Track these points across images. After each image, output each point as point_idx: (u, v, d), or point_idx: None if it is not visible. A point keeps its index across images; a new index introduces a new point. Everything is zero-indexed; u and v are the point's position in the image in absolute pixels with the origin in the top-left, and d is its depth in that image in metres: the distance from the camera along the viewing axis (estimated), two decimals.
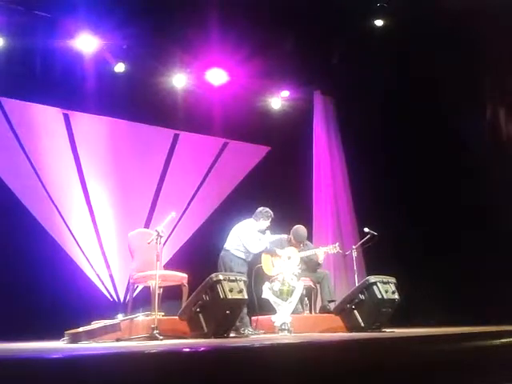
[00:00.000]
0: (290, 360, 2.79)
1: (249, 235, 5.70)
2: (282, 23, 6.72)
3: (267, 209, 5.87)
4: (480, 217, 6.14)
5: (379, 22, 6.99)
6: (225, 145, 7.94)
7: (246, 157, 8.03)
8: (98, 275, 6.86)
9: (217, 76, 7.33)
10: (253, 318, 5.56)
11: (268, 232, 5.83)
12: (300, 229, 6.18)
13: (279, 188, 7.34)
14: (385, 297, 5.09)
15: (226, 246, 5.75)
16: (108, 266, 6.90)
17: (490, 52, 6.15)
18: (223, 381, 2.49)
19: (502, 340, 3.41)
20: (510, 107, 6.51)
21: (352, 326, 5.18)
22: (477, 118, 6.53)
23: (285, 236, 6.21)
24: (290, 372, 2.67)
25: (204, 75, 7.36)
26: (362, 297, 5.17)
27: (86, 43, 6.46)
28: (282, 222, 6.16)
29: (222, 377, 2.50)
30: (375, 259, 6.58)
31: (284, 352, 2.97)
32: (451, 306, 5.89)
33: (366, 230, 6.11)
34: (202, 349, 2.85)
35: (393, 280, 5.28)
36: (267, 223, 5.84)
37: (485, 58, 6.22)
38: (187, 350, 2.86)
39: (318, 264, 6.22)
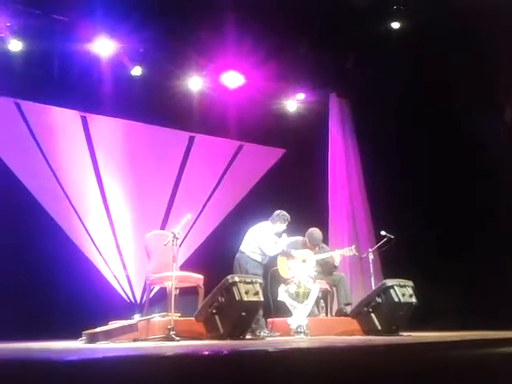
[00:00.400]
0: (309, 364, 2.78)
1: (265, 238, 5.69)
2: (297, 26, 6.73)
3: (284, 212, 5.86)
4: (495, 219, 6.09)
5: (396, 25, 6.96)
6: (240, 147, 7.96)
7: (261, 159, 8.04)
8: (114, 276, 6.91)
9: (232, 79, 7.35)
10: (268, 320, 5.56)
11: (284, 235, 5.81)
12: (315, 232, 6.14)
13: (295, 190, 7.33)
14: (402, 300, 5.05)
15: (242, 248, 5.74)
16: (125, 267, 6.95)
17: (504, 52, 6.09)
18: None
19: None
20: None
21: (369, 329, 5.15)
22: (492, 119, 6.47)
23: (300, 238, 6.19)
24: (310, 377, 2.66)
25: (219, 78, 7.38)
26: (378, 300, 5.15)
27: (103, 47, 6.52)
28: (297, 225, 6.14)
29: (240, 381, 2.49)
30: (391, 262, 6.53)
31: (303, 356, 2.96)
32: (467, 308, 5.84)
33: (383, 233, 6.08)
34: (225, 352, 2.84)
35: (410, 283, 5.24)
36: (284, 226, 5.82)
37: (498, 58, 6.16)
38: (207, 353, 2.86)
39: (335, 267, 6.19)
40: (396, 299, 5.03)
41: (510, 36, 5.86)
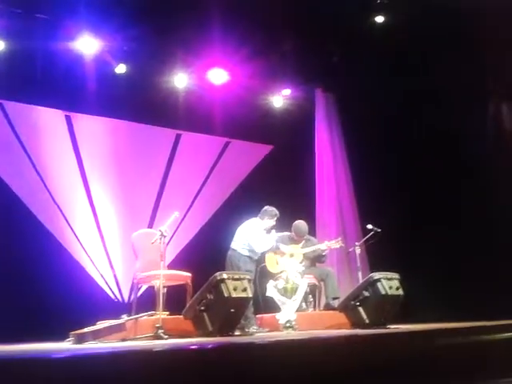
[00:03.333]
0: (295, 356, 2.81)
1: (254, 234, 5.71)
2: (283, 21, 6.72)
3: (272, 208, 5.89)
4: (480, 212, 6.15)
5: (380, 19, 6.98)
6: (227, 144, 7.95)
7: (248, 156, 8.03)
8: (102, 275, 6.88)
9: (218, 75, 7.33)
10: (257, 316, 5.58)
11: (273, 231, 5.85)
12: (300, 224, 6.21)
13: (282, 186, 7.34)
14: (389, 293, 5.09)
15: (233, 245, 5.77)
16: (112, 267, 6.91)
17: (489, 47, 6.13)
18: (230, 378, 2.51)
19: (505, 334, 3.42)
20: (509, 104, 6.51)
21: (357, 323, 5.18)
22: (477, 113, 6.52)
23: (287, 233, 6.23)
24: (296, 368, 2.68)
25: (205, 75, 7.36)
26: (366, 293, 5.17)
27: (87, 45, 6.46)
28: (285, 220, 6.16)
29: (228, 374, 2.51)
30: (378, 256, 6.58)
31: (290, 348, 2.98)
32: (452, 301, 5.90)
33: (370, 226, 6.12)
34: (210, 346, 2.86)
35: (397, 276, 5.28)
36: (272, 222, 5.85)
37: (483, 53, 6.20)
38: (195, 347, 2.87)
39: (323, 256, 6.24)
40: (383, 292, 5.06)
41: (495, 31, 5.91)
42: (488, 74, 6.44)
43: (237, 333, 4.93)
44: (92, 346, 4.22)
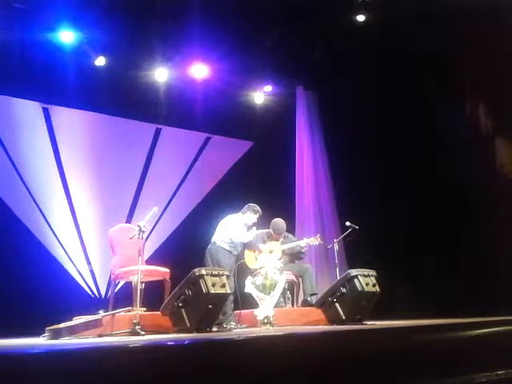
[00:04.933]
0: (273, 352, 2.82)
1: (234, 226, 5.74)
2: (264, 17, 6.72)
3: (255, 204, 5.92)
4: (458, 212, 6.25)
5: (361, 18, 7.03)
6: (207, 139, 7.92)
7: (228, 151, 8.02)
8: (78, 271, 6.81)
9: (199, 70, 7.30)
10: (235, 312, 5.58)
11: (254, 228, 5.86)
12: (279, 221, 6.24)
13: (262, 182, 7.36)
14: (365, 289, 5.14)
15: (213, 239, 5.79)
16: (89, 262, 6.85)
17: (470, 49, 6.21)
18: (207, 373, 2.50)
19: (481, 330, 3.48)
20: (488, 104, 6.60)
21: (333, 319, 5.23)
22: (457, 114, 6.62)
23: (265, 231, 6.25)
24: (273, 364, 2.70)
25: (186, 69, 7.31)
26: (343, 290, 5.22)
27: (66, 36, 6.36)
28: (264, 217, 6.17)
29: (205, 369, 2.51)
30: (356, 252, 6.64)
31: (267, 345, 2.99)
32: (430, 298, 5.99)
33: (348, 223, 6.17)
34: (187, 342, 2.86)
35: (373, 273, 5.35)
36: (254, 218, 5.86)
37: (464, 54, 6.29)
38: (172, 343, 2.87)
39: (302, 252, 6.28)
40: (360, 288, 5.12)
41: (475, 31, 5.98)
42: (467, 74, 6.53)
43: (214, 329, 4.94)
44: (68, 342, 4.17)
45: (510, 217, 5.86)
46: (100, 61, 6.73)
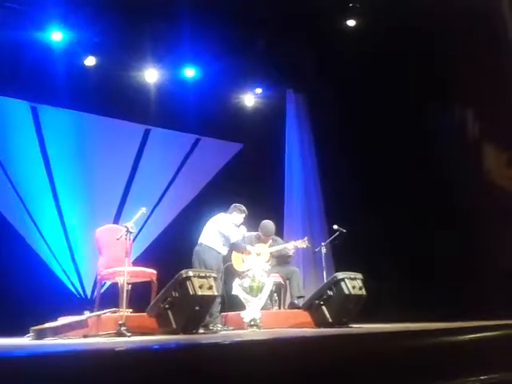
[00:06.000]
0: (259, 356, 2.81)
1: (226, 225, 5.71)
2: (256, 20, 6.74)
3: (241, 204, 5.91)
4: (445, 215, 6.28)
5: (351, 22, 7.07)
6: (197, 141, 7.91)
7: (218, 153, 8.02)
8: (64, 271, 6.76)
9: (189, 72, 7.29)
10: (222, 314, 5.57)
11: (243, 227, 5.85)
12: (268, 224, 6.25)
13: (251, 185, 7.35)
14: (352, 292, 5.17)
15: (200, 240, 5.74)
16: (75, 262, 6.81)
17: (458, 52, 6.25)
18: (194, 377, 2.50)
19: (468, 336, 3.51)
20: (477, 109, 6.66)
21: (320, 322, 5.24)
22: (447, 117, 6.65)
23: (254, 233, 6.25)
24: (259, 367, 2.70)
25: (176, 71, 7.31)
26: (330, 293, 5.24)
27: (56, 35, 6.33)
28: (253, 219, 6.18)
29: (192, 373, 2.50)
30: (343, 256, 6.66)
31: (253, 347, 2.99)
32: (416, 302, 6.02)
33: (335, 227, 6.19)
34: (173, 346, 2.84)
35: (360, 276, 5.37)
36: (241, 218, 5.84)
37: (453, 57, 6.33)
38: (157, 347, 2.85)
39: (289, 256, 6.29)
40: (346, 292, 5.14)
41: (465, 36, 6.03)
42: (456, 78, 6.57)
43: (201, 330, 4.93)
44: (52, 343, 4.14)
45: (498, 219, 5.91)
46: (90, 61, 6.71)
